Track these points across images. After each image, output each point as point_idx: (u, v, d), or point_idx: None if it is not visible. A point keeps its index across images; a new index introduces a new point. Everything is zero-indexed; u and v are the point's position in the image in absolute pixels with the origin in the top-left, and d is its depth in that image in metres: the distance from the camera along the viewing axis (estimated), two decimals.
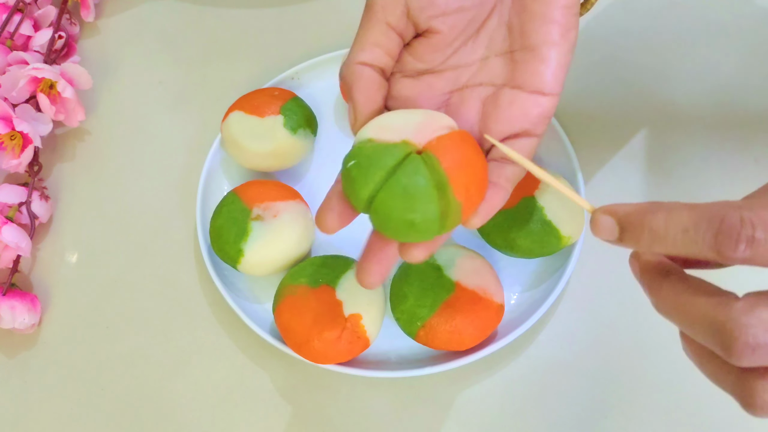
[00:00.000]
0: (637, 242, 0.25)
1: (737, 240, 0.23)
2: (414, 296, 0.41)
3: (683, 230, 0.24)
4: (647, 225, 0.25)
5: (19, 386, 0.45)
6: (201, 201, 0.47)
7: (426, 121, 0.31)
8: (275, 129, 0.46)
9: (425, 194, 0.29)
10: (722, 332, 0.23)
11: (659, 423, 0.41)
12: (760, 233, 0.22)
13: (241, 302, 0.44)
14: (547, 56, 0.32)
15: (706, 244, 0.23)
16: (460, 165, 0.29)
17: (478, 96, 0.34)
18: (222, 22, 0.58)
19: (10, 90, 0.49)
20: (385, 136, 0.30)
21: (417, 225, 0.29)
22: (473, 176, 0.30)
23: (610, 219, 0.26)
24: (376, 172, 0.29)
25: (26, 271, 0.49)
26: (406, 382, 0.43)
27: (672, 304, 0.25)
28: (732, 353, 0.23)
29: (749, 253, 0.23)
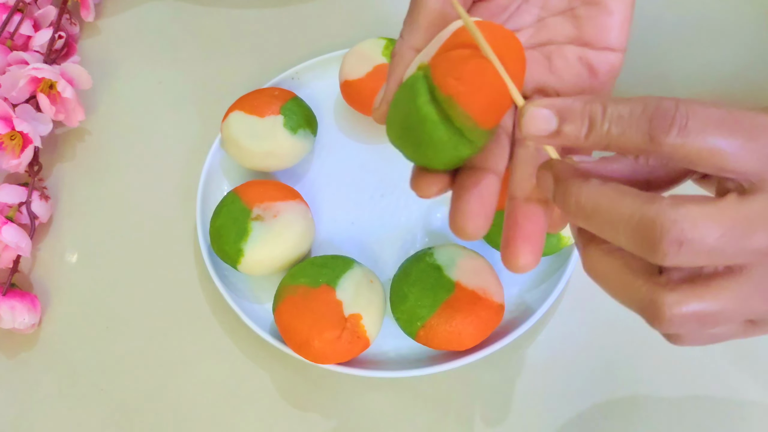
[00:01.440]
0: (573, 130, 0.24)
1: (671, 124, 0.22)
2: (414, 296, 0.41)
3: (619, 116, 0.23)
4: (587, 112, 0.24)
5: (19, 386, 0.45)
6: (201, 201, 0.47)
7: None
8: (275, 129, 0.46)
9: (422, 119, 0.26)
10: (650, 227, 0.23)
11: (659, 423, 0.41)
12: (692, 122, 0.22)
13: (241, 302, 0.44)
14: (613, 8, 0.31)
15: (641, 130, 0.23)
16: (455, 72, 0.26)
17: (541, 54, 0.32)
18: (222, 22, 0.58)
19: (10, 90, 0.49)
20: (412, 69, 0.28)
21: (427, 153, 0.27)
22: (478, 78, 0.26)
23: (546, 110, 0.24)
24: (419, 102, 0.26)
25: (26, 271, 0.48)
26: (406, 382, 0.43)
27: (593, 206, 0.24)
28: (658, 249, 0.22)
29: (680, 139, 0.22)
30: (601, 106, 0.24)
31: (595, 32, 0.31)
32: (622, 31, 0.31)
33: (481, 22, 0.27)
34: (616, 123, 0.23)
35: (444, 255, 0.42)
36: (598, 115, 0.24)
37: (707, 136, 0.22)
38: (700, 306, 0.24)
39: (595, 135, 0.24)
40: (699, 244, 0.22)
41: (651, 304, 0.24)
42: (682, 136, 0.22)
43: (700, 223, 0.22)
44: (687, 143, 0.23)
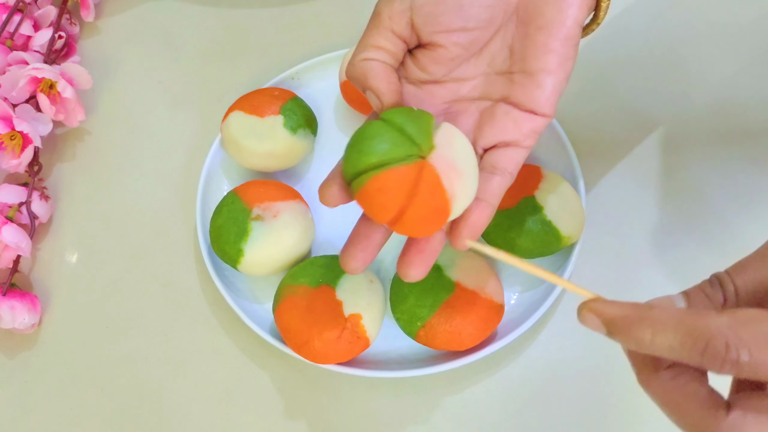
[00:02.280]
0: (624, 344, 0.26)
1: (722, 363, 0.24)
2: (414, 296, 0.41)
3: (669, 347, 0.25)
4: (633, 335, 0.26)
5: (19, 386, 0.45)
6: (201, 201, 0.47)
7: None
8: (275, 129, 0.46)
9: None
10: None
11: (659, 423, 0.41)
12: (744, 356, 0.23)
13: (241, 302, 0.44)
14: (543, 83, 0.34)
15: (693, 362, 0.24)
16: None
17: (477, 108, 0.36)
18: (222, 22, 0.58)
19: (10, 90, 0.49)
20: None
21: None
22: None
23: (595, 319, 0.27)
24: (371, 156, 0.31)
25: (26, 271, 0.48)
26: (406, 382, 0.43)
27: (662, 398, 0.26)
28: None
29: (735, 371, 0.24)
30: (650, 332, 0.25)
31: (524, 99, 0.34)
32: (548, 102, 0.34)
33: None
34: (668, 353, 0.25)
35: (444, 255, 0.42)
36: (646, 341, 0.25)
37: (761, 368, 0.23)
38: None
39: (645, 350, 0.25)
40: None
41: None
42: (737, 369, 0.24)
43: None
44: (743, 372, 0.24)
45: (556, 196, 0.43)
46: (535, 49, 0.34)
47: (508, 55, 0.35)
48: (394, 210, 0.31)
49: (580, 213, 0.43)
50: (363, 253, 0.34)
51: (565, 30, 0.33)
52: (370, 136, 0.31)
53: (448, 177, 0.31)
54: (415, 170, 0.31)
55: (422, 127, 0.32)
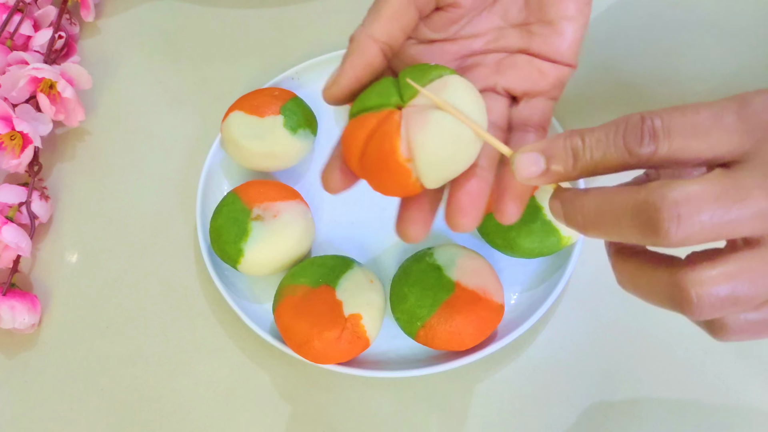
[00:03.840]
0: (561, 164, 0.26)
1: (641, 135, 0.24)
2: (414, 296, 0.41)
3: (597, 141, 0.25)
4: (568, 146, 0.26)
5: (19, 386, 0.45)
6: (201, 201, 0.47)
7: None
8: (275, 129, 0.46)
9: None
10: (646, 210, 0.24)
11: (659, 423, 0.41)
12: (657, 122, 0.24)
13: (241, 302, 0.44)
14: (564, 30, 0.33)
15: (619, 148, 0.25)
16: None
17: (493, 59, 0.34)
18: (222, 22, 0.58)
19: (10, 90, 0.49)
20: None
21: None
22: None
23: (533, 153, 0.27)
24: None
25: (26, 271, 0.48)
26: (406, 382, 0.43)
27: (595, 210, 0.26)
28: (659, 229, 0.23)
29: (653, 146, 0.24)
30: (579, 138, 0.26)
31: (545, 48, 0.33)
32: (571, 50, 0.33)
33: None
34: (596, 148, 0.25)
35: (444, 255, 0.42)
36: (578, 146, 0.26)
37: (676, 135, 0.24)
38: (724, 281, 0.24)
39: (581, 164, 0.26)
40: (696, 215, 0.23)
41: (676, 289, 0.24)
42: (654, 142, 0.24)
43: (692, 195, 0.23)
44: (660, 147, 0.24)
45: None
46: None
47: (524, 6, 0.34)
48: (356, 153, 0.30)
49: None
50: (421, 215, 0.31)
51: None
52: (370, 88, 0.31)
53: (411, 126, 0.29)
54: (380, 117, 0.29)
55: (419, 77, 0.30)
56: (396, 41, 0.32)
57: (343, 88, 0.31)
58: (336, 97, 0.32)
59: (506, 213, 0.31)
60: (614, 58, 0.54)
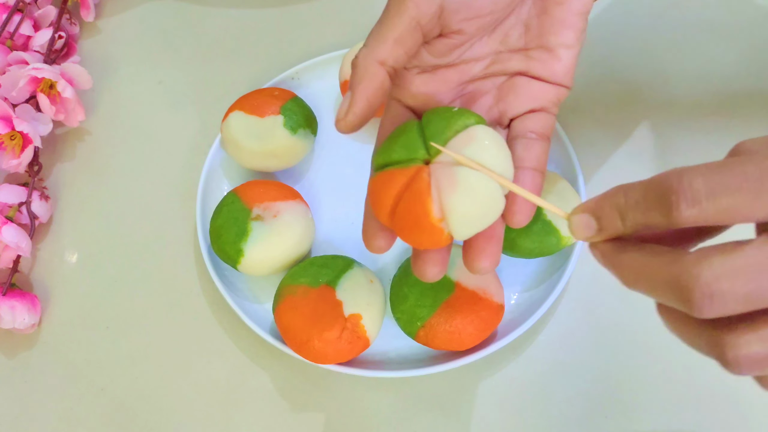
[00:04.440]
0: (610, 224, 0.26)
1: (677, 199, 0.23)
2: (414, 296, 0.41)
3: (636, 203, 0.25)
4: (613, 206, 0.26)
5: (19, 386, 0.45)
6: (201, 201, 0.47)
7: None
8: (275, 129, 0.46)
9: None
10: (678, 286, 0.23)
11: (659, 423, 0.41)
12: (697, 190, 0.23)
13: (241, 302, 0.44)
14: (562, 56, 0.34)
15: (657, 211, 0.24)
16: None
17: (493, 84, 0.35)
18: (222, 22, 0.58)
19: (10, 90, 0.49)
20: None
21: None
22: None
23: (585, 215, 0.27)
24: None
25: (26, 271, 0.48)
26: (406, 382, 0.43)
27: (634, 274, 0.25)
28: (692, 306, 0.23)
29: (693, 209, 0.23)
30: (623, 195, 0.25)
31: (543, 71, 0.34)
32: (567, 74, 0.35)
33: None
34: (636, 210, 0.25)
35: None
36: (622, 205, 0.25)
37: (715, 197, 0.23)
38: (762, 344, 0.24)
39: (629, 223, 0.25)
40: (729, 293, 0.22)
41: (716, 348, 0.24)
42: (692, 206, 0.23)
43: (724, 273, 0.22)
44: (700, 211, 0.23)
45: (556, 196, 0.43)
46: (553, 24, 0.34)
47: (523, 32, 0.35)
48: (386, 210, 0.31)
49: None
50: (437, 254, 0.33)
51: (580, 5, 0.34)
52: (395, 135, 0.32)
53: (441, 186, 0.29)
54: (409, 174, 0.30)
55: (444, 128, 0.30)
56: (401, 64, 0.32)
57: (358, 117, 0.32)
58: (352, 127, 0.32)
59: (515, 218, 0.32)
60: (614, 56, 0.54)
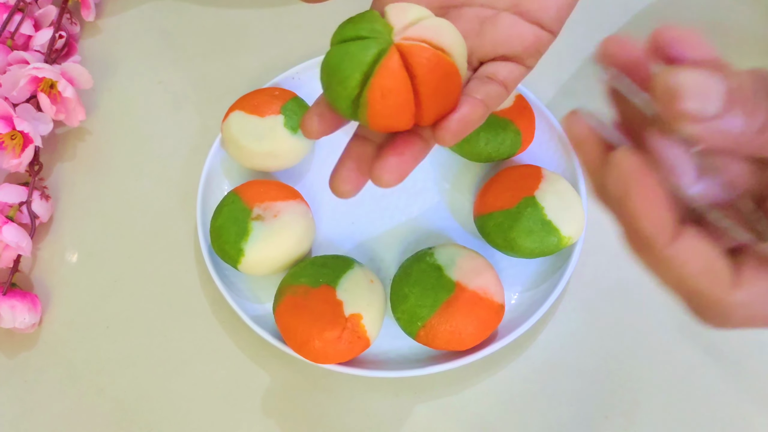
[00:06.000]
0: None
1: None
2: (414, 296, 0.41)
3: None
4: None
5: (19, 386, 0.45)
6: (201, 201, 0.47)
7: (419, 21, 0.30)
8: (275, 129, 0.46)
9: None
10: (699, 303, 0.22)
11: (659, 423, 0.42)
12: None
13: (241, 302, 0.44)
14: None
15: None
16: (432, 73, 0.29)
17: (477, 15, 0.33)
18: (222, 22, 0.58)
19: (11, 90, 0.49)
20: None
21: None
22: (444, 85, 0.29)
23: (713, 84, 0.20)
24: (353, 74, 0.28)
25: (26, 271, 0.49)
26: (406, 382, 0.43)
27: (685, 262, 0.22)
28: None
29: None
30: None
31: (533, 7, 0.32)
32: (559, 14, 0.32)
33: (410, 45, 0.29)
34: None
35: (444, 255, 0.42)
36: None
37: None
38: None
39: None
40: None
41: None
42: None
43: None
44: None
45: (556, 196, 0.43)
46: None
47: None
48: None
49: (580, 213, 0.43)
50: (354, 173, 0.30)
51: None
52: (355, 17, 0.30)
53: (433, 36, 0.29)
54: (378, 48, 0.29)
55: (370, 19, 0.30)
56: None
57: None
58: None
59: (443, 134, 0.29)
60: None
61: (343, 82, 0.29)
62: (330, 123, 0.31)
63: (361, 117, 0.29)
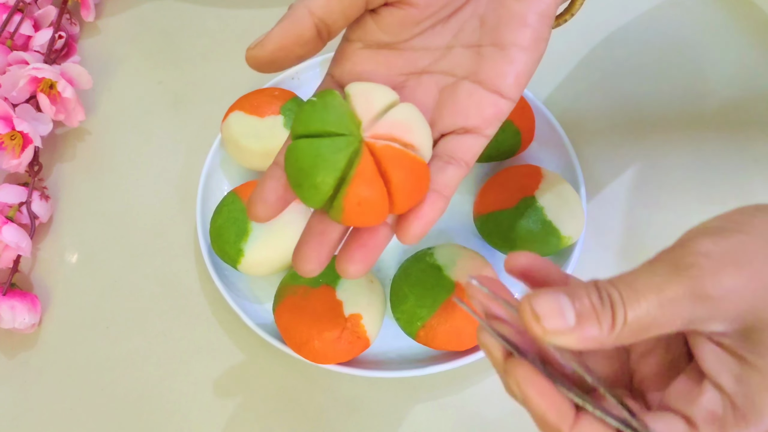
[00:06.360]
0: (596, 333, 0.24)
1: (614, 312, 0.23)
2: (414, 296, 0.41)
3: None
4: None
5: (19, 386, 0.45)
6: (201, 201, 0.47)
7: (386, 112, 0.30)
8: (275, 129, 0.46)
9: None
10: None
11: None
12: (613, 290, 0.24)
13: (241, 302, 0.44)
14: (515, 58, 0.31)
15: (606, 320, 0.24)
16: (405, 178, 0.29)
17: (436, 83, 0.33)
18: (222, 22, 0.58)
19: (11, 90, 0.49)
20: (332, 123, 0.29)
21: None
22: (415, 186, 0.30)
23: (557, 302, 0.24)
24: (326, 179, 0.28)
25: (26, 271, 0.49)
26: (406, 382, 0.43)
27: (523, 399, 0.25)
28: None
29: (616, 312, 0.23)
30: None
31: (492, 75, 0.32)
32: (517, 82, 0.32)
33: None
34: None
35: (444, 255, 0.42)
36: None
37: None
38: None
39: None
40: None
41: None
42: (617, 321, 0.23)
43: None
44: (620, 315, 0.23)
45: (556, 196, 0.43)
46: (510, 19, 0.31)
47: (479, 27, 0.32)
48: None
49: (580, 213, 0.43)
50: (317, 252, 0.30)
51: (543, 5, 0.31)
52: (318, 104, 0.29)
53: (402, 134, 0.29)
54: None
55: (336, 110, 0.29)
56: (333, 21, 0.30)
57: (266, 51, 0.30)
58: (257, 60, 0.31)
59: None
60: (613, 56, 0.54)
61: (317, 186, 0.28)
62: (282, 203, 0.31)
63: (334, 215, 0.29)
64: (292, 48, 0.31)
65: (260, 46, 0.31)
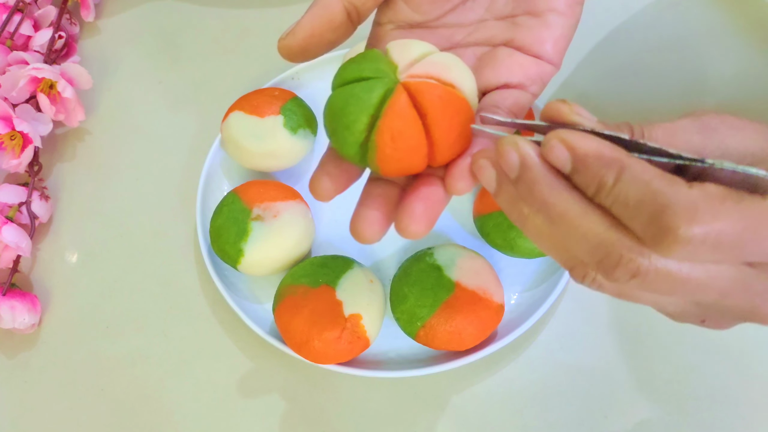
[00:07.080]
0: (584, 186, 0.24)
1: (665, 235, 0.22)
2: (414, 296, 0.41)
3: (624, 201, 0.23)
4: (597, 177, 0.23)
5: (19, 386, 0.45)
6: (201, 201, 0.47)
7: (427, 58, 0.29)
8: (275, 129, 0.46)
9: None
10: (606, 258, 0.23)
11: (659, 423, 0.41)
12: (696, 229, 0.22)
13: (241, 302, 0.44)
14: (552, 23, 0.31)
15: (641, 222, 0.23)
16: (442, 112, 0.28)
17: (473, 53, 0.32)
18: (222, 22, 0.58)
19: (10, 90, 0.49)
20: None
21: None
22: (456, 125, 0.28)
23: (564, 152, 0.24)
24: (360, 117, 0.27)
25: (26, 271, 0.49)
26: (406, 382, 0.43)
27: (555, 215, 0.24)
28: (613, 277, 0.24)
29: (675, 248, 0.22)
30: (613, 176, 0.23)
31: (530, 41, 0.31)
32: (557, 46, 0.31)
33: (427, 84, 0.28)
34: (618, 204, 0.23)
35: (444, 255, 0.42)
36: (607, 184, 0.23)
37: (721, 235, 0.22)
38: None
39: (600, 198, 0.23)
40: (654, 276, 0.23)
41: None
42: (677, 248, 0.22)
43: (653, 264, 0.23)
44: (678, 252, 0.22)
45: None
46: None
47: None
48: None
49: None
50: (379, 213, 0.28)
51: None
52: (357, 57, 0.29)
53: (440, 73, 0.28)
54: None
55: (374, 60, 0.29)
56: (362, 3, 0.30)
57: (298, 39, 0.30)
58: (290, 49, 0.30)
59: (457, 184, 0.28)
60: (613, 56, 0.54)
61: (350, 126, 0.27)
62: (340, 180, 0.30)
63: (371, 162, 0.28)
64: (323, 34, 0.30)
65: (292, 34, 0.30)
